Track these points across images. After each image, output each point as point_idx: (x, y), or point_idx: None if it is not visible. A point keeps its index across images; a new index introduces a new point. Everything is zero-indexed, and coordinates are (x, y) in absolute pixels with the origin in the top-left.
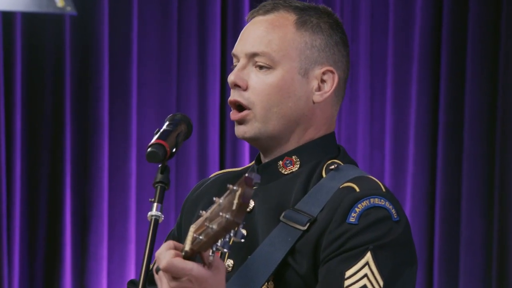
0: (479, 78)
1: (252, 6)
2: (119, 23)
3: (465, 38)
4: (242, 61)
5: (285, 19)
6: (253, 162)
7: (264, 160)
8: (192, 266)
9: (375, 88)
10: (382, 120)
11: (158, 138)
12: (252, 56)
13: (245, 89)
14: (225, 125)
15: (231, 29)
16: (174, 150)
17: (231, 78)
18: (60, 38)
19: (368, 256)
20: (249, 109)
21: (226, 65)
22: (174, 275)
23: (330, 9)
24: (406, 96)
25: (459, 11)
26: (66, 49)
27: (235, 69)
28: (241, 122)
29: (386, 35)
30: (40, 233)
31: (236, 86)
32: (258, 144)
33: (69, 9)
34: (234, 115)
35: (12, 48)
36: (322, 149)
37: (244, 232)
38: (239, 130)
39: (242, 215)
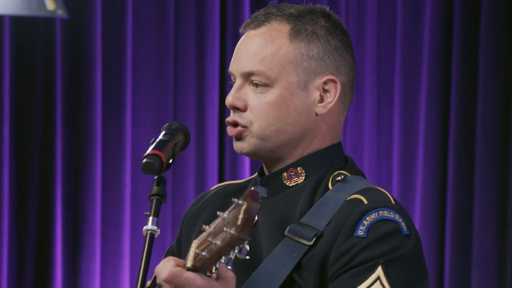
0: (492, 84)
1: (252, 9)
2: (113, 26)
3: (477, 42)
4: (238, 80)
5: (278, 31)
6: (255, 174)
7: (267, 172)
8: (195, 276)
9: (382, 95)
10: (389, 130)
11: (154, 149)
12: (247, 75)
13: (245, 110)
14: (224, 135)
15: (231, 33)
16: (170, 161)
17: (229, 99)
18: (50, 42)
19: (379, 271)
20: (245, 127)
21: (225, 71)
22: (176, 285)
23: (327, 9)
24: (415, 104)
25: (470, 14)
26: (57, 54)
27: (232, 90)
28: (238, 138)
29: (394, 40)
30: (29, 249)
31: (235, 108)
32: (258, 159)
33: (60, 12)
34: (230, 130)
35: (0, 53)
36: (329, 160)
37: (248, 248)
38: (237, 146)
39: (248, 230)
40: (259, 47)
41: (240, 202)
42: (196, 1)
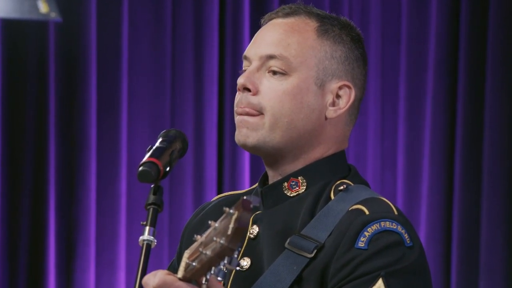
0: (500, 90)
1: (252, 10)
2: (108, 30)
3: (484, 46)
4: (255, 63)
5: (306, 24)
6: (256, 184)
7: (269, 176)
8: (186, 286)
9: (386, 101)
10: (394, 137)
11: (150, 156)
12: (267, 59)
13: (255, 94)
14: (223, 142)
15: (230, 36)
16: (168, 169)
17: (240, 80)
18: (43, 46)
19: (380, 284)
20: (260, 113)
21: (225, 76)
22: None
23: (352, 22)
24: (420, 110)
25: (478, 16)
26: (50, 59)
27: (246, 72)
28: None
29: (398, 44)
30: (22, 260)
31: (246, 89)
32: (260, 154)
33: (54, 15)
34: (244, 119)
35: None
36: (331, 169)
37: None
38: (242, 134)
39: (238, 241)
40: (285, 34)
41: (231, 211)
42: (194, 3)
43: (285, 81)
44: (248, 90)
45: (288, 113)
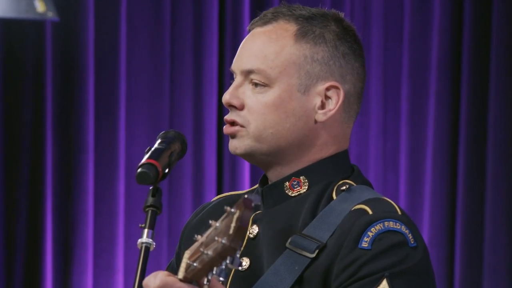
0: (505, 90)
1: (252, 10)
2: (106, 29)
3: (488, 45)
4: (238, 78)
5: (283, 31)
6: (257, 185)
7: (269, 180)
8: (188, 287)
9: (389, 101)
10: (396, 137)
11: (149, 158)
12: (247, 73)
13: (242, 109)
14: (223, 143)
15: (230, 37)
16: (166, 170)
17: (225, 97)
18: (40, 46)
19: (384, 284)
20: (242, 126)
21: (224, 76)
22: None
23: (341, 14)
24: (423, 110)
25: (481, 14)
26: (47, 59)
27: (230, 88)
28: (233, 136)
29: (401, 42)
30: (18, 263)
31: (231, 106)
32: (253, 161)
33: (51, 14)
34: (226, 128)
35: None
36: (333, 169)
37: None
38: (232, 145)
39: (240, 240)
40: (262, 45)
41: (232, 210)
42: (193, 2)
43: (266, 93)
44: (234, 106)
45: (272, 125)
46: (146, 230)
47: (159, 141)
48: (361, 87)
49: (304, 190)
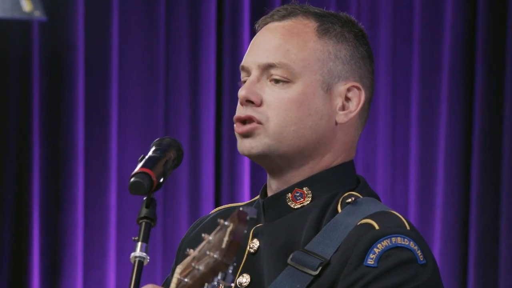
0: None
1: (252, 10)
2: (97, 29)
3: (503, 46)
4: (255, 73)
5: (304, 26)
6: (257, 196)
7: (271, 188)
8: None
9: (398, 106)
10: (406, 145)
11: (142, 166)
12: (266, 68)
13: (259, 105)
14: (221, 151)
15: (229, 37)
16: (161, 180)
17: (242, 92)
18: (27, 47)
19: None
20: (260, 123)
21: (222, 80)
22: None
23: (353, 18)
24: (434, 115)
25: (496, 14)
26: (34, 60)
27: (247, 83)
28: (247, 135)
29: (411, 44)
30: (2, 277)
31: (249, 101)
32: (266, 163)
33: (38, 13)
34: (239, 127)
35: None
36: (338, 180)
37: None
38: (245, 145)
39: (233, 255)
40: (283, 39)
41: (226, 223)
42: (189, 1)
43: (289, 89)
44: (252, 102)
45: (295, 122)
46: (139, 243)
47: (153, 148)
48: (372, 92)
49: (308, 202)
